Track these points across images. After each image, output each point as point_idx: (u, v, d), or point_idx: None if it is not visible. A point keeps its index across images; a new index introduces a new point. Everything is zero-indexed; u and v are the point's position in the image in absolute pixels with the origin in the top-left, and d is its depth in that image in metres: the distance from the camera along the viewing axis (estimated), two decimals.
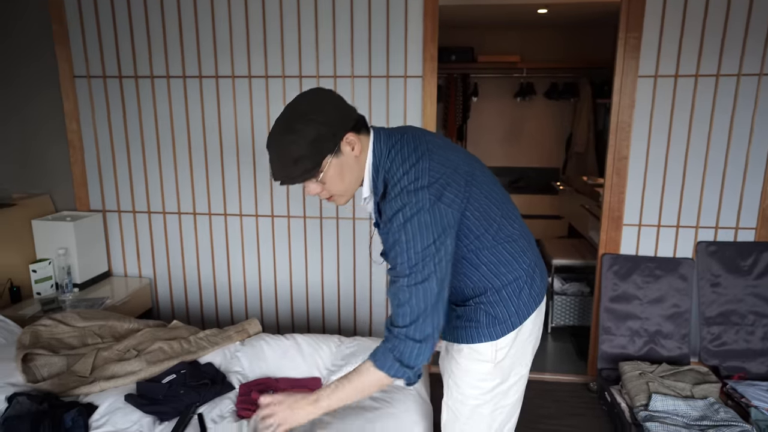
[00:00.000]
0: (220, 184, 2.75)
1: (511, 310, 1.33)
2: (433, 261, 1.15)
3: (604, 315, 2.61)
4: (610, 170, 2.54)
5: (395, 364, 1.18)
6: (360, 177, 1.25)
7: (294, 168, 1.16)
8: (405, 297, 1.16)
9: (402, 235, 1.15)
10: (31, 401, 1.60)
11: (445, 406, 1.48)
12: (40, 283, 2.56)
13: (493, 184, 1.32)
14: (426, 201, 1.16)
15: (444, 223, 1.17)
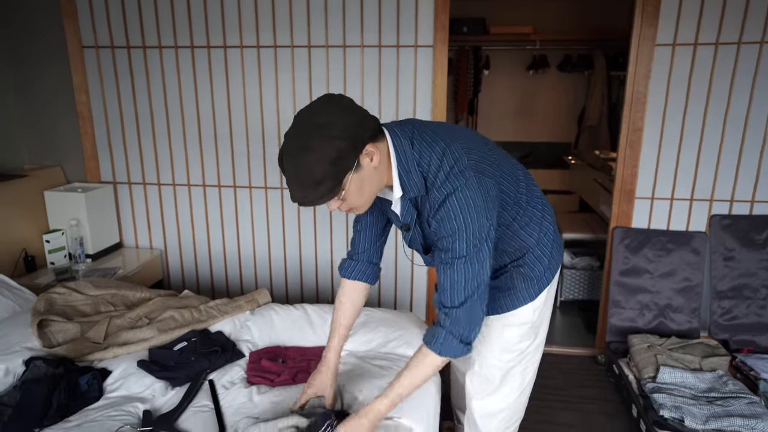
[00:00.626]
0: (229, 156, 2.75)
1: (545, 264, 1.38)
2: (487, 239, 1.17)
3: (614, 288, 2.60)
4: (624, 142, 2.49)
5: (459, 344, 1.20)
6: (380, 184, 1.20)
7: (314, 190, 1.09)
8: (460, 277, 1.17)
9: (461, 217, 1.14)
10: (47, 365, 1.63)
11: (474, 376, 1.52)
12: (53, 253, 2.60)
13: (505, 155, 1.34)
14: (473, 179, 1.15)
15: (491, 196, 1.18)
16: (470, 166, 1.16)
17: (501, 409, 1.52)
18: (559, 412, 2.30)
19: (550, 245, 1.38)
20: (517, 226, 1.32)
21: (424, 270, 2.75)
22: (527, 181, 1.35)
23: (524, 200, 1.32)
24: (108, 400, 1.61)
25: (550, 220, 1.40)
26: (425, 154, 1.18)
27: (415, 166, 1.18)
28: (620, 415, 2.27)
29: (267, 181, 2.76)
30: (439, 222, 1.17)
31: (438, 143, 1.18)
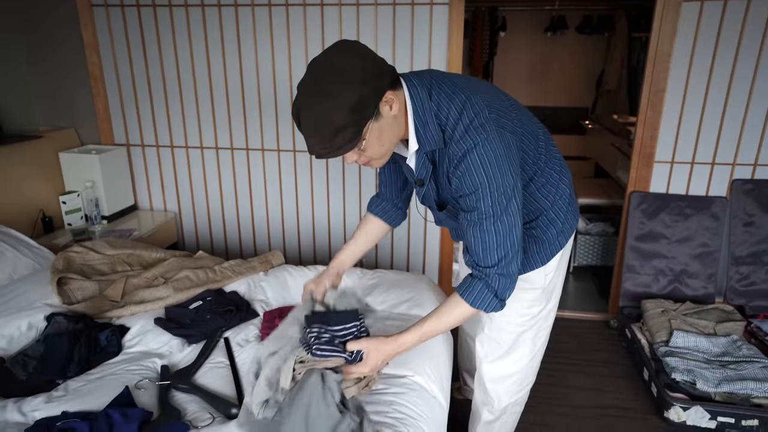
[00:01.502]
0: (241, 118, 2.72)
1: (558, 228, 1.34)
2: (515, 196, 1.12)
3: (629, 254, 2.57)
4: (645, 104, 2.42)
5: (495, 300, 1.18)
6: (398, 135, 1.15)
7: (334, 140, 1.03)
8: (491, 238, 1.13)
9: (483, 174, 1.08)
10: (68, 321, 1.67)
11: (486, 339, 1.52)
12: (70, 214, 2.63)
13: (526, 113, 1.30)
14: (494, 133, 1.09)
15: (513, 151, 1.13)
16: (491, 120, 1.10)
17: (511, 373, 1.52)
18: (571, 375, 2.32)
19: (564, 209, 1.34)
20: (534, 187, 1.28)
21: (437, 232, 2.74)
22: (547, 140, 1.31)
23: (543, 160, 1.28)
24: (127, 356, 1.65)
25: (567, 183, 1.35)
26: (444, 105, 1.12)
27: (432, 118, 1.13)
28: (631, 378, 2.28)
29: (279, 143, 2.74)
30: (460, 178, 1.12)
31: (458, 95, 1.12)
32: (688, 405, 1.91)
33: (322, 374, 1.19)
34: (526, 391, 1.59)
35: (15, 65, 2.71)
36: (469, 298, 1.19)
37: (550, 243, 1.34)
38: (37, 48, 2.73)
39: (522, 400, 1.60)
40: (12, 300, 1.76)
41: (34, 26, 2.69)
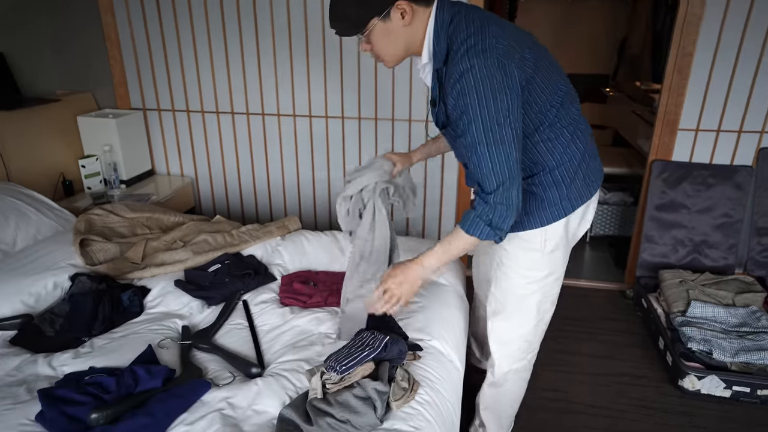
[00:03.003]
0: (257, 82, 2.70)
1: (563, 192, 1.30)
2: (508, 124, 1.12)
3: (648, 223, 2.54)
4: (671, 68, 2.34)
5: (486, 228, 1.20)
6: (412, 46, 1.24)
7: (342, 23, 1.20)
8: (486, 164, 1.14)
9: (474, 97, 1.11)
10: (91, 281, 1.71)
11: (492, 297, 1.51)
12: (89, 178, 2.65)
13: (557, 66, 1.28)
14: (495, 59, 1.11)
15: (515, 82, 1.13)
16: (498, 49, 1.12)
17: (512, 338, 1.51)
18: (585, 342, 2.33)
19: (572, 173, 1.30)
20: (538, 138, 1.26)
21: (453, 198, 2.72)
22: (567, 97, 1.27)
23: (553, 113, 1.24)
24: (149, 316, 1.69)
25: (581, 147, 1.30)
26: (460, 27, 1.18)
27: (445, 36, 1.19)
28: (646, 347, 2.29)
29: (295, 108, 2.71)
30: (455, 99, 1.16)
31: (475, 21, 1.17)
32: (704, 374, 1.92)
33: None
34: (528, 360, 1.57)
35: (30, 28, 2.69)
36: (464, 225, 1.22)
37: (551, 204, 1.31)
38: (53, 10, 2.70)
39: (524, 369, 1.58)
40: (37, 260, 1.79)
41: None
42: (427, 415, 1.26)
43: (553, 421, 1.89)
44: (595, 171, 1.37)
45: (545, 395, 2.01)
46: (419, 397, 1.31)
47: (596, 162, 1.38)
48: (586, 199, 1.35)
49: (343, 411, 1.20)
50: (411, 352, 1.45)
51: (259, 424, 1.23)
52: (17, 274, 1.70)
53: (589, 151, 1.34)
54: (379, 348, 1.33)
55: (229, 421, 1.22)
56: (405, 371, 1.36)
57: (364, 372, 1.28)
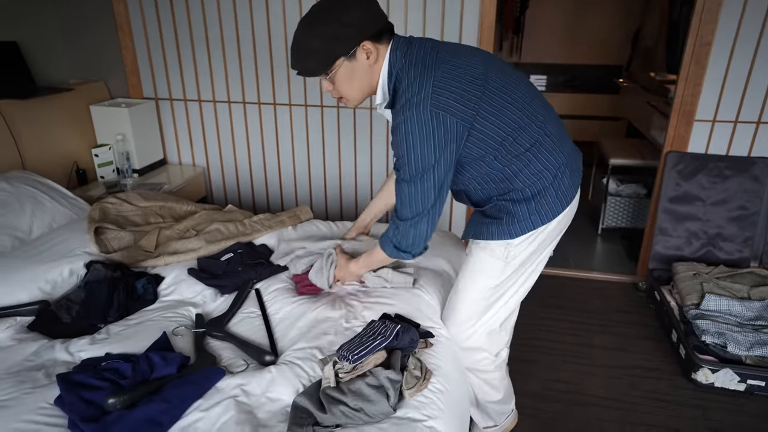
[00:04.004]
0: (268, 72, 2.69)
1: (531, 209, 1.34)
2: (432, 170, 1.23)
3: (661, 215, 2.51)
4: (689, 58, 2.30)
5: (393, 249, 1.39)
6: (373, 86, 1.29)
7: (308, 61, 1.22)
8: (406, 197, 1.29)
9: (405, 146, 1.21)
10: (106, 269, 1.72)
11: (448, 297, 1.59)
12: (102, 167, 2.67)
13: (514, 86, 1.29)
14: (428, 113, 1.18)
15: (448, 134, 1.21)
16: (431, 102, 1.17)
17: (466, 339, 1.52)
18: (596, 334, 2.32)
19: (543, 190, 1.33)
20: (498, 164, 1.30)
21: None
22: (532, 118, 1.29)
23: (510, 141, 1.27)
24: (163, 303, 1.70)
25: (554, 164, 1.32)
26: (403, 72, 1.23)
27: (394, 78, 1.25)
28: (659, 340, 2.27)
29: (307, 98, 2.71)
30: (392, 144, 1.27)
31: (419, 67, 1.21)
32: (718, 367, 1.90)
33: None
34: (485, 361, 1.56)
35: (44, 17, 2.70)
36: (380, 242, 1.43)
37: (520, 219, 1.35)
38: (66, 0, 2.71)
39: (485, 369, 1.57)
40: (53, 247, 1.81)
41: None
42: (440, 404, 1.26)
43: (564, 412, 1.89)
44: (567, 186, 1.37)
45: (557, 387, 2.00)
46: (432, 386, 1.31)
47: (574, 172, 1.39)
48: (558, 214, 1.37)
49: (356, 399, 1.20)
50: (423, 340, 1.45)
51: (273, 412, 1.24)
52: (34, 261, 1.71)
53: (561, 166, 1.34)
54: (391, 337, 1.33)
55: (243, 408, 1.23)
56: (417, 360, 1.36)
57: (376, 361, 1.29)
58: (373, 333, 1.36)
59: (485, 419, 1.67)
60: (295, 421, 1.18)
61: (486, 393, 1.61)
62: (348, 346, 1.31)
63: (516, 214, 1.35)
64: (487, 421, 1.68)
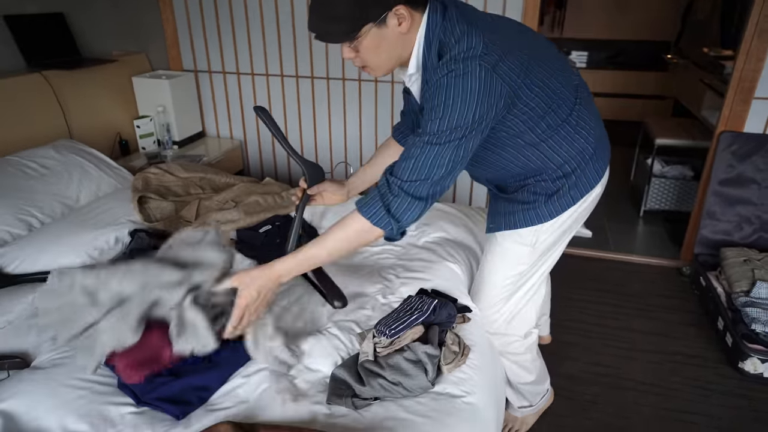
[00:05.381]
0: (306, 45, 2.66)
1: (571, 183, 1.29)
2: (462, 132, 1.07)
3: (711, 198, 2.40)
4: (751, 32, 2.16)
5: (382, 211, 1.11)
6: (402, 55, 1.15)
7: (330, 25, 1.07)
8: (416, 153, 1.09)
9: (442, 99, 1.06)
10: (149, 237, 1.76)
11: (474, 283, 1.56)
12: (144, 138, 2.72)
13: (548, 50, 1.22)
14: (476, 68, 1.05)
15: (493, 98, 1.07)
16: (483, 57, 1.05)
17: (492, 323, 1.50)
18: (636, 319, 2.26)
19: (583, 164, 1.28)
20: (539, 140, 1.22)
21: None
22: (569, 93, 1.22)
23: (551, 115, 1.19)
24: None
25: (592, 140, 1.27)
26: (447, 33, 1.09)
27: (436, 43, 1.10)
28: (702, 326, 2.20)
29: (345, 72, 2.67)
30: (427, 98, 1.11)
31: (463, 26, 1.08)
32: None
33: None
34: (516, 344, 1.53)
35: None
36: (360, 204, 1.13)
37: (551, 202, 1.29)
38: None
39: (516, 352, 1.54)
40: (100, 215, 1.86)
41: None
42: (478, 380, 1.26)
43: (602, 395, 1.86)
44: (595, 169, 1.32)
45: (594, 369, 1.97)
46: (470, 362, 1.30)
47: (604, 154, 1.34)
48: (584, 195, 1.31)
49: (394, 373, 1.20)
50: (460, 315, 1.44)
51: (312, 381, 1.25)
52: (82, 227, 1.77)
53: (594, 146, 1.29)
54: (428, 312, 1.32)
55: (283, 377, 1.25)
56: (455, 335, 1.35)
57: (413, 335, 1.28)
58: (410, 308, 1.35)
59: (520, 399, 1.66)
60: (335, 392, 1.19)
61: (518, 375, 1.59)
62: (385, 321, 1.31)
63: (552, 194, 1.29)
64: (521, 401, 1.66)
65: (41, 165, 1.99)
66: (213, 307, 1.16)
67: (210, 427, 1.06)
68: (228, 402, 1.18)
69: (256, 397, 1.19)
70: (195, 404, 1.16)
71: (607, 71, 4.85)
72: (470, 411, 1.16)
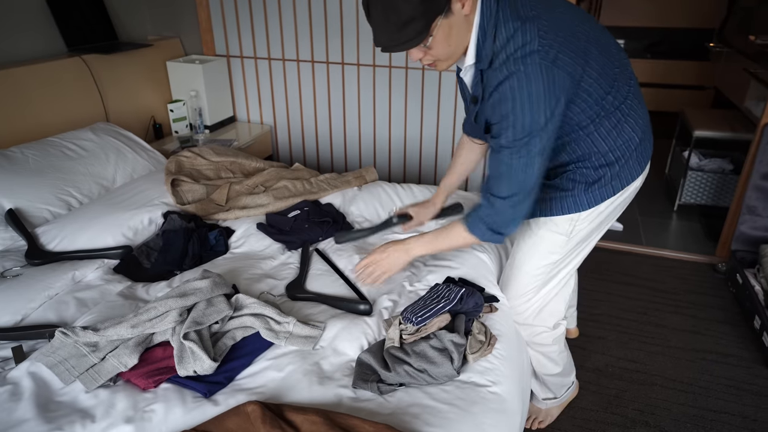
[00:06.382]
0: (338, 31, 2.66)
1: (614, 173, 1.26)
2: (540, 135, 1.08)
3: (751, 193, 2.32)
4: None
5: (487, 231, 1.22)
6: (466, 39, 1.12)
7: (401, 33, 1.03)
8: (506, 170, 1.13)
9: (510, 106, 1.06)
10: (181, 219, 1.80)
11: (504, 271, 1.54)
12: (177, 122, 2.77)
13: (608, 43, 1.18)
14: (537, 67, 1.03)
15: (558, 90, 1.06)
16: (540, 53, 1.03)
17: (521, 313, 1.49)
18: (668, 315, 2.21)
19: (627, 154, 1.25)
20: (593, 128, 1.20)
21: None
22: (621, 77, 1.19)
23: (609, 101, 1.17)
24: (233, 255, 1.76)
25: (639, 129, 1.24)
26: (500, 24, 1.06)
27: (492, 31, 1.08)
28: (737, 324, 2.14)
29: (375, 59, 2.66)
30: (492, 106, 1.11)
31: (515, 17, 1.06)
32: None
33: None
34: (544, 334, 1.51)
35: None
36: (466, 223, 1.26)
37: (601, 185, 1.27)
38: None
39: (544, 343, 1.53)
40: (134, 196, 1.91)
41: None
42: (504, 371, 1.25)
43: (629, 390, 1.83)
44: (640, 159, 1.30)
45: (622, 364, 1.94)
46: (496, 352, 1.30)
47: (649, 145, 1.32)
48: (637, 176, 1.29)
49: (420, 361, 1.21)
50: (487, 305, 1.43)
51: (338, 365, 1.26)
52: (118, 208, 1.82)
53: (641, 134, 1.26)
54: (455, 300, 1.32)
55: (309, 359, 1.27)
56: (482, 324, 1.35)
57: (440, 323, 1.28)
58: (437, 296, 1.35)
59: (544, 391, 1.65)
60: (360, 376, 1.20)
61: (545, 366, 1.58)
62: (412, 309, 1.32)
63: (593, 183, 1.27)
64: (546, 393, 1.65)
65: (80, 147, 2.05)
66: (210, 328, 1.30)
67: (237, 406, 1.09)
68: (255, 382, 1.21)
69: (282, 378, 1.21)
70: (223, 383, 1.19)
71: (645, 60, 4.70)
72: (496, 400, 1.16)
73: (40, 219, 1.77)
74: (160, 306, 1.27)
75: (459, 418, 1.10)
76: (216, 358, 1.21)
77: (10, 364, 1.24)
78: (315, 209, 1.99)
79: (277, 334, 1.30)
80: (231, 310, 1.32)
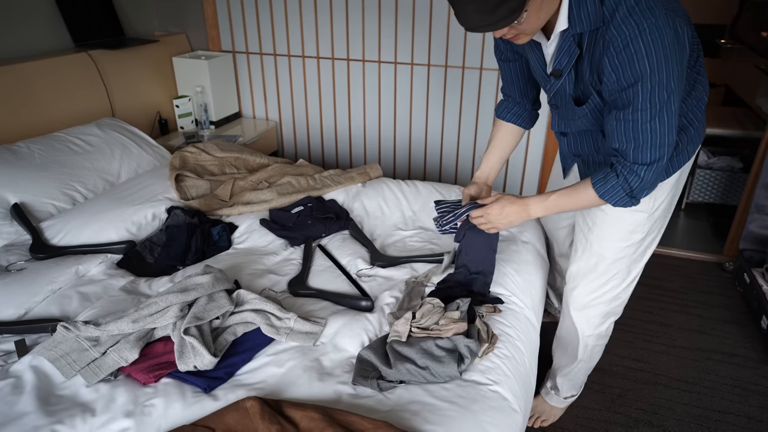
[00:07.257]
0: (343, 28, 2.65)
1: (690, 137, 1.21)
2: (676, 89, 1.00)
3: (760, 192, 2.28)
4: None
5: (625, 197, 1.13)
6: (553, 8, 1.04)
7: (495, 12, 0.94)
8: (648, 135, 1.03)
9: (645, 64, 0.96)
10: (185, 215, 1.80)
11: (579, 261, 1.44)
12: (182, 118, 2.77)
13: None
14: (664, 17, 0.95)
15: (684, 41, 0.98)
16: (663, 4, 0.96)
17: (595, 303, 1.44)
18: (674, 314, 2.19)
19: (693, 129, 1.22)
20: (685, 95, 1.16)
21: (539, 149, 2.58)
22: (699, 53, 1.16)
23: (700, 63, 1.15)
24: (236, 250, 1.77)
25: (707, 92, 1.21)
26: None
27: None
28: (744, 324, 2.11)
29: (381, 55, 2.65)
30: (617, 69, 1.00)
31: None
32: None
33: None
34: (608, 324, 1.50)
35: None
36: (601, 189, 1.14)
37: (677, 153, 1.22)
38: None
39: (605, 334, 1.52)
40: (139, 192, 1.92)
41: None
42: (506, 370, 1.24)
43: (633, 390, 1.81)
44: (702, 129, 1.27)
45: (626, 363, 1.92)
46: (498, 352, 1.29)
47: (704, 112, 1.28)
48: (693, 153, 1.26)
49: (424, 357, 1.20)
50: (491, 305, 1.43)
51: (338, 361, 1.26)
52: (122, 203, 1.83)
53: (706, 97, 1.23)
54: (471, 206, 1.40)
55: (310, 355, 1.27)
56: (484, 323, 1.34)
57: (457, 329, 1.27)
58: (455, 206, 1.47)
59: (570, 388, 1.63)
60: (360, 373, 1.20)
61: (595, 359, 1.56)
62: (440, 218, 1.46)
63: None
64: (570, 390, 1.64)
65: (85, 142, 2.06)
66: (210, 324, 1.29)
67: (237, 402, 1.09)
68: (255, 378, 1.21)
69: (282, 374, 1.21)
70: (223, 378, 1.19)
71: None
72: (496, 399, 1.16)
73: (44, 213, 1.78)
74: (161, 301, 1.27)
75: (459, 416, 1.10)
76: (216, 353, 1.21)
77: (13, 357, 1.25)
78: (318, 205, 1.99)
79: (278, 329, 1.30)
80: (232, 306, 1.33)
